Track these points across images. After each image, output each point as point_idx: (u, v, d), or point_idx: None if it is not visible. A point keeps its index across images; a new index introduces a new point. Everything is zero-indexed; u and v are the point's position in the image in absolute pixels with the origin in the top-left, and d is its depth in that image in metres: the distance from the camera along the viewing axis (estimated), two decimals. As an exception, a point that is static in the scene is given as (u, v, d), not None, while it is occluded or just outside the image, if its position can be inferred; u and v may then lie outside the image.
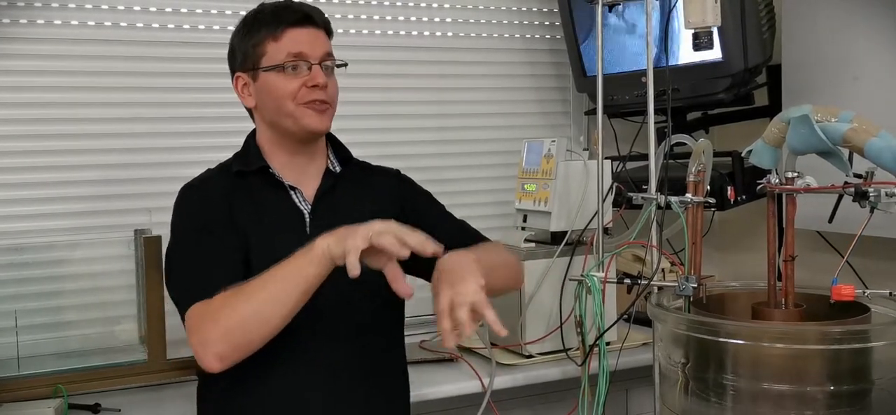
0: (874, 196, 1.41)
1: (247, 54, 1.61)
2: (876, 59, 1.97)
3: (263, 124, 1.65)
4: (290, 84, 1.58)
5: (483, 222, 2.53)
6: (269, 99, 1.60)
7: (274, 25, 1.59)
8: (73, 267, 2.12)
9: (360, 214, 1.57)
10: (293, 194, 1.63)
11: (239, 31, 1.64)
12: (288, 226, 1.59)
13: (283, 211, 1.61)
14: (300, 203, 1.62)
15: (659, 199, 1.69)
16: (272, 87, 1.59)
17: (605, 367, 1.77)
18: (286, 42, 1.58)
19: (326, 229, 1.49)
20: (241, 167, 1.63)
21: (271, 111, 1.61)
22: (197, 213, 1.58)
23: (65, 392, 1.86)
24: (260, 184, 1.62)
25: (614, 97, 2.35)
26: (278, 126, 1.62)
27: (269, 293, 1.38)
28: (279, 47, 1.58)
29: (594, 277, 1.79)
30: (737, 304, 1.66)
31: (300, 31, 1.59)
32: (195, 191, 1.62)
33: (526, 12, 2.66)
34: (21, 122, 2.11)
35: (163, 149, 2.24)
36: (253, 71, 1.61)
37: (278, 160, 1.64)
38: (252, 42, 1.60)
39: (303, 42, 1.59)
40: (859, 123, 1.42)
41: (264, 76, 1.59)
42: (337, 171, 1.69)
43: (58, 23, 2.14)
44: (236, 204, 1.58)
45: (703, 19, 1.67)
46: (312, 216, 1.61)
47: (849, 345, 1.39)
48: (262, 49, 1.59)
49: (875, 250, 1.87)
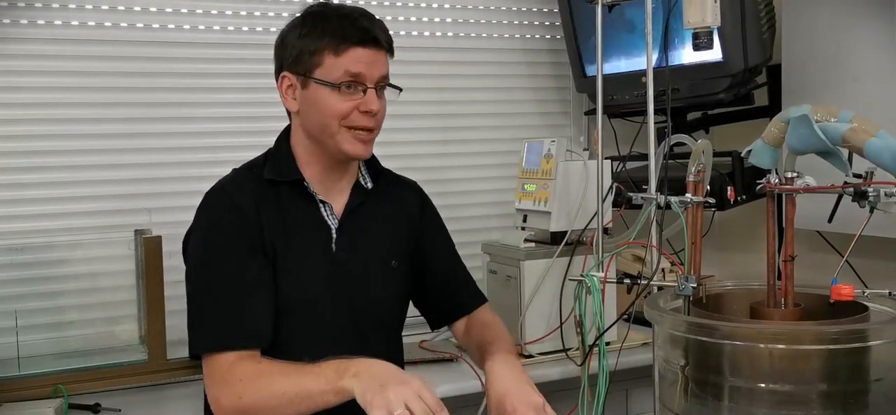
0: (874, 196, 1.41)
1: (300, 56, 1.52)
2: (876, 59, 1.97)
3: (302, 132, 1.58)
4: (341, 105, 1.50)
5: (483, 222, 2.56)
6: (316, 113, 1.53)
7: (337, 38, 1.49)
8: (74, 267, 2.12)
9: (382, 238, 1.64)
10: (322, 208, 1.59)
11: (296, 26, 1.54)
12: (314, 242, 1.57)
13: (311, 226, 1.57)
14: (328, 218, 1.59)
15: (659, 199, 1.69)
16: (322, 103, 1.51)
17: (605, 367, 1.77)
18: (347, 60, 1.50)
19: (351, 249, 1.57)
20: (275, 176, 1.57)
21: (315, 125, 1.54)
22: (229, 231, 1.50)
23: (65, 392, 1.86)
24: (290, 194, 1.57)
25: (614, 97, 2.35)
26: (319, 141, 1.55)
27: (288, 397, 1.36)
28: (338, 63, 1.50)
29: (594, 277, 1.78)
30: (736, 304, 1.66)
31: (363, 52, 1.51)
32: (228, 199, 1.53)
33: (526, 13, 2.66)
34: (21, 122, 2.12)
35: (163, 149, 2.24)
36: (304, 76, 1.52)
37: (312, 171, 1.58)
38: (310, 47, 1.51)
39: (363, 63, 1.51)
40: (859, 123, 1.42)
41: (315, 87, 1.51)
42: (368, 187, 1.65)
43: (58, 23, 2.14)
44: (266, 216, 1.53)
45: (703, 19, 1.67)
46: (339, 233, 1.59)
47: (847, 344, 1.39)
48: (319, 59, 1.50)
49: (874, 250, 1.86)
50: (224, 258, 1.49)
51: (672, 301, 1.66)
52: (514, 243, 2.10)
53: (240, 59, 2.33)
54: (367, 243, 1.60)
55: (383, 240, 1.64)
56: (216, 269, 1.49)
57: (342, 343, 1.55)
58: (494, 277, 2.16)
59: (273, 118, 2.31)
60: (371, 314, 1.61)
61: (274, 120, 2.31)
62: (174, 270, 1.86)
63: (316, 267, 1.54)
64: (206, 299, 1.48)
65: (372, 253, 1.61)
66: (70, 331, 2.10)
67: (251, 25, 2.33)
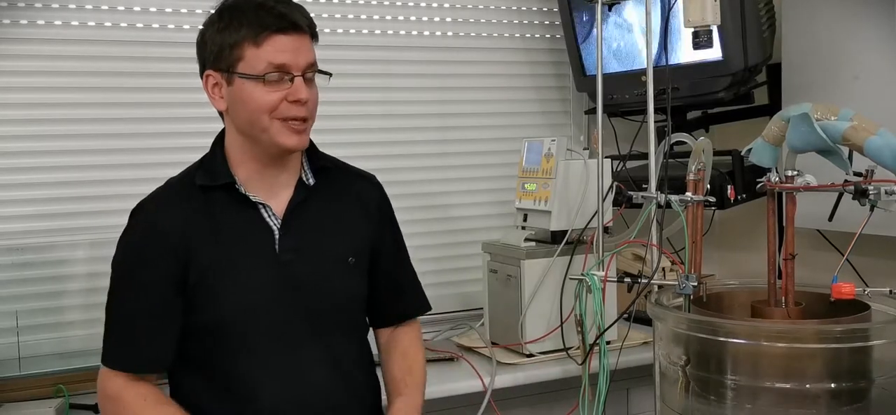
0: (874, 194, 1.41)
1: (221, 52, 1.46)
2: (876, 57, 1.97)
3: (234, 130, 1.52)
4: (268, 96, 1.44)
5: (483, 222, 2.55)
6: (243, 109, 1.46)
7: (255, 28, 1.43)
8: (74, 267, 2.12)
9: (335, 235, 1.57)
10: (263, 211, 1.52)
11: (213, 22, 1.47)
12: (255, 247, 1.50)
13: (249, 230, 1.50)
14: (269, 219, 1.52)
15: (659, 198, 1.69)
16: (248, 98, 1.45)
17: (606, 366, 1.78)
18: (268, 50, 1.43)
19: (297, 249, 1.51)
20: (206, 182, 1.51)
21: (244, 122, 1.48)
22: (137, 254, 1.49)
23: (66, 392, 1.86)
24: (225, 200, 1.50)
25: (614, 96, 2.35)
26: (251, 137, 1.49)
27: None
28: (259, 55, 1.43)
29: (594, 276, 1.79)
30: (737, 302, 1.66)
31: (284, 39, 1.43)
32: (150, 220, 1.50)
33: (526, 12, 2.66)
34: (22, 122, 2.12)
35: (164, 149, 2.24)
36: (227, 73, 1.46)
37: (247, 170, 1.51)
38: (228, 40, 1.44)
39: (286, 51, 1.44)
40: (859, 122, 1.42)
41: (240, 83, 1.45)
42: (310, 183, 1.57)
43: (58, 23, 2.14)
44: (196, 233, 1.48)
45: (703, 18, 1.68)
46: (282, 233, 1.51)
47: (848, 343, 1.40)
48: (240, 52, 1.44)
49: (875, 248, 1.87)
50: (131, 283, 1.49)
51: (673, 300, 1.67)
52: (515, 243, 2.10)
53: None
54: (316, 242, 1.53)
55: (338, 235, 1.57)
56: (124, 291, 1.50)
57: (305, 349, 1.51)
58: (495, 277, 2.16)
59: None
60: (332, 316, 1.54)
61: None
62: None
63: (259, 274, 1.49)
64: (112, 317, 1.51)
65: (324, 251, 1.54)
66: (71, 331, 2.10)
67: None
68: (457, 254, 2.55)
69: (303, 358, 1.51)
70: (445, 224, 2.54)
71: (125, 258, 1.51)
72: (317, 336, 1.52)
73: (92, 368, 1.95)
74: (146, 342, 1.48)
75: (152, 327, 1.48)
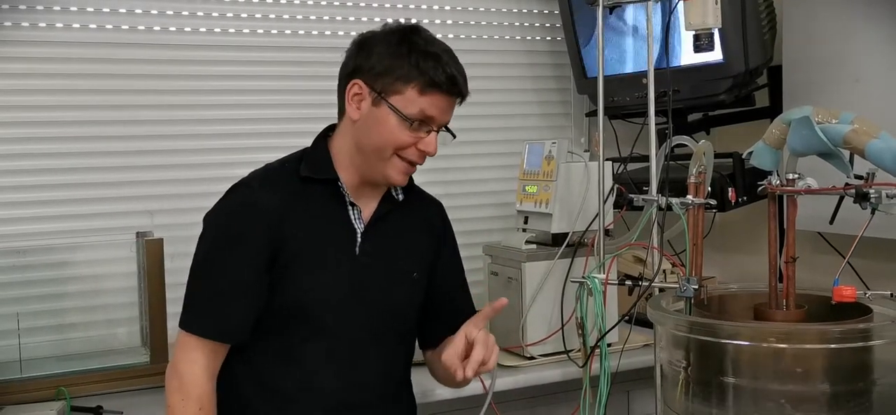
0: (875, 197, 1.41)
1: (383, 74, 1.51)
2: (877, 60, 1.97)
3: (351, 139, 1.57)
4: (404, 137, 1.51)
5: (484, 224, 2.56)
6: (376, 133, 1.52)
7: (426, 79, 1.50)
8: (76, 269, 2.12)
9: (407, 249, 1.66)
10: (351, 211, 1.60)
11: (390, 41, 1.53)
12: (339, 242, 1.58)
13: (337, 226, 1.58)
14: (355, 221, 1.59)
15: (660, 200, 1.69)
16: (386, 128, 1.51)
17: (607, 368, 1.77)
18: (428, 102, 1.51)
19: (374, 255, 1.60)
20: (311, 174, 1.57)
21: (371, 144, 1.54)
22: (237, 227, 1.53)
23: (67, 395, 1.86)
24: (322, 193, 1.58)
25: (615, 99, 2.35)
26: (366, 155, 1.55)
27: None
28: (418, 101, 1.50)
29: (595, 279, 1.79)
30: (738, 305, 1.66)
31: (443, 99, 1.53)
32: (251, 196, 1.54)
33: (526, 14, 2.67)
34: (23, 124, 2.12)
35: (164, 151, 2.25)
36: (378, 94, 1.51)
37: (347, 175, 1.58)
38: (396, 71, 1.50)
39: (439, 108, 1.53)
40: (860, 125, 1.42)
41: (386, 111, 1.50)
42: (399, 199, 1.66)
43: (60, 25, 2.15)
44: (291, 216, 1.54)
45: (704, 21, 1.68)
46: (364, 238, 1.59)
47: (849, 344, 1.40)
48: (403, 87, 1.50)
49: (876, 251, 1.87)
50: (226, 254, 1.53)
51: (673, 303, 1.67)
52: (516, 245, 2.10)
53: (244, 62, 2.33)
54: (390, 252, 1.62)
55: (408, 251, 1.66)
56: (217, 261, 1.54)
57: (363, 345, 1.59)
58: (496, 279, 2.16)
59: (274, 119, 2.34)
60: (391, 321, 1.63)
61: (275, 122, 2.33)
62: (176, 272, 1.86)
63: (340, 269, 1.57)
64: (200, 283, 1.54)
65: (395, 262, 1.63)
66: (72, 333, 2.10)
67: (252, 28, 2.34)
68: (458, 256, 2.55)
69: (361, 353, 1.59)
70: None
71: (223, 229, 1.54)
72: (374, 336, 1.61)
73: (93, 370, 1.96)
74: (232, 313, 1.53)
75: (240, 300, 1.52)
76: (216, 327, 1.52)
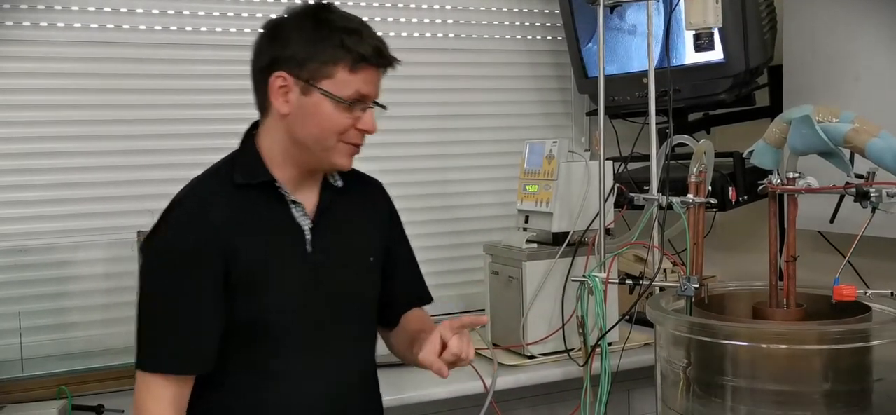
0: (875, 196, 1.41)
1: (307, 62, 1.43)
2: (877, 59, 1.97)
3: (284, 134, 1.49)
4: (343, 120, 1.45)
5: (485, 223, 2.56)
6: (313, 123, 1.45)
7: (354, 56, 1.43)
8: (76, 269, 2.13)
9: (358, 235, 1.61)
10: (294, 209, 1.52)
11: (303, 27, 1.45)
12: (289, 247, 1.51)
13: (283, 229, 1.51)
14: (300, 219, 1.52)
15: (660, 199, 1.70)
16: (323, 115, 1.45)
17: (607, 367, 1.78)
18: (360, 79, 1.44)
19: (326, 248, 1.54)
20: (245, 180, 1.49)
21: (309, 135, 1.47)
22: (186, 248, 1.43)
23: (68, 394, 1.86)
24: (260, 197, 1.50)
25: (615, 98, 2.35)
26: (306, 148, 1.48)
27: None
28: (351, 81, 1.43)
29: (596, 278, 1.79)
30: (738, 304, 1.66)
31: (375, 73, 1.47)
32: (202, 212, 1.46)
33: (527, 14, 2.67)
34: (24, 123, 2.12)
35: (165, 150, 2.25)
36: (306, 83, 1.43)
37: (284, 172, 1.51)
38: (321, 55, 1.43)
39: (372, 83, 1.47)
40: (860, 124, 1.42)
41: (319, 98, 1.43)
42: (339, 185, 1.59)
43: (61, 25, 2.15)
44: (233, 222, 1.46)
45: (705, 20, 1.68)
46: (313, 234, 1.52)
47: (849, 344, 1.40)
48: (330, 70, 1.43)
49: (876, 250, 1.87)
50: (179, 279, 1.43)
51: (674, 302, 1.67)
52: (516, 244, 2.10)
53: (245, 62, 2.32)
54: (343, 242, 1.57)
55: (359, 237, 1.61)
56: (169, 288, 1.44)
57: (332, 345, 1.54)
58: (496, 278, 2.16)
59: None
60: (354, 312, 1.58)
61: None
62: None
63: (293, 272, 1.50)
64: (155, 316, 1.45)
65: (349, 251, 1.58)
66: (73, 332, 2.10)
67: (253, 27, 2.34)
68: (458, 255, 2.55)
69: (331, 354, 1.54)
70: (447, 226, 2.54)
71: (172, 251, 1.44)
72: (341, 333, 1.56)
73: (94, 369, 1.97)
74: (195, 342, 1.43)
75: (202, 326, 1.43)
76: (180, 361, 1.43)
